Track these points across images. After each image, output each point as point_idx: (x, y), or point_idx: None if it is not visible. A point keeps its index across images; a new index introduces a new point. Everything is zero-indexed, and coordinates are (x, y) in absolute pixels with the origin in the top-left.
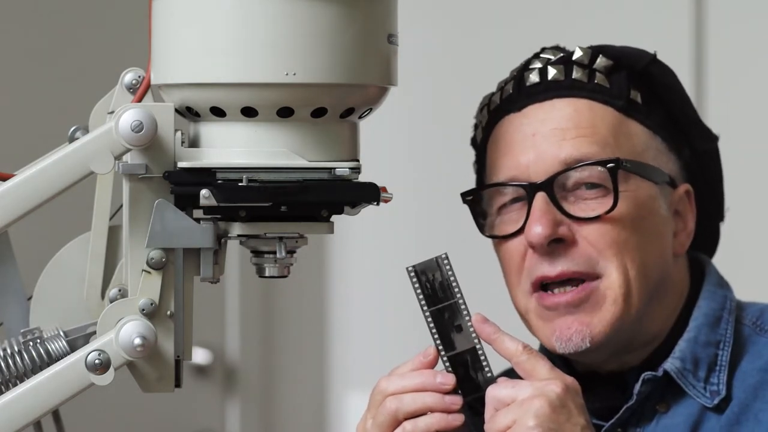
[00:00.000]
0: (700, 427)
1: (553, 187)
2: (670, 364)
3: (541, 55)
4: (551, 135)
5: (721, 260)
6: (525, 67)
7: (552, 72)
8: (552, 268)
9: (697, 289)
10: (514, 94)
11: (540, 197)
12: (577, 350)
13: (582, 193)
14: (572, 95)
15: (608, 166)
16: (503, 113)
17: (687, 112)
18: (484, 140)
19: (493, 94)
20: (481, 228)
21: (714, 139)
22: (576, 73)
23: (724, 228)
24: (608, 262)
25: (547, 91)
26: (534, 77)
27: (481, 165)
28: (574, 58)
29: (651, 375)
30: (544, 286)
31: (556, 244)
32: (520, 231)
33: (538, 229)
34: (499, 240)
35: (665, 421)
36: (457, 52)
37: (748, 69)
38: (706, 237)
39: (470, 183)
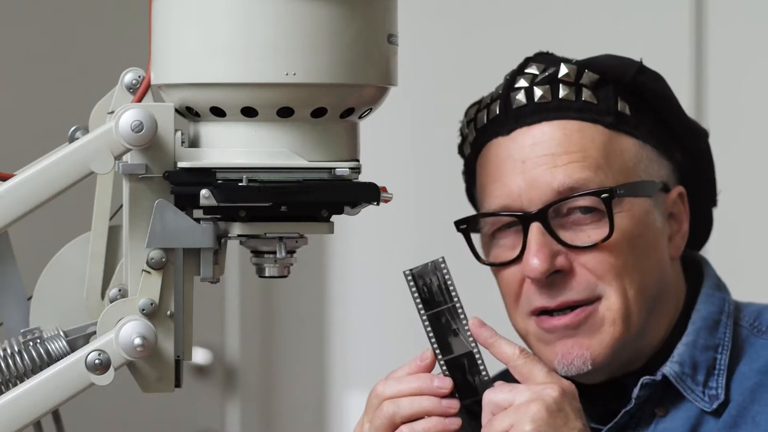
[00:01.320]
0: (698, 430)
1: (547, 216)
2: (669, 369)
3: (527, 71)
4: (542, 161)
5: (718, 259)
6: (510, 86)
7: (538, 93)
8: (551, 300)
9: (695, 291)
10: (501, 116)
11: (535, 228)
12: (578, 373)
13: (577, 218)
14: (560, 117)
15: (602, 196)
16: (491, 135)
17: (677, 115)
18: (472, 156)
19: (478, 109)
20: (477, 255)
21: (704, 135)
22: (563, 92)
23: (723, 228)
24: (607, 285)
25: (534, 113)
26: (521, 98)
27: (471, 177)
28: (559, 75)
29: (650, 379)
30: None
31: (554, 275)
32: (517, 259)
33: (535, 263)
34: (496, 267)
35: (664, 425)
36: (458, 51)
37: (748, 69)
38: (700, 223)
39: None
